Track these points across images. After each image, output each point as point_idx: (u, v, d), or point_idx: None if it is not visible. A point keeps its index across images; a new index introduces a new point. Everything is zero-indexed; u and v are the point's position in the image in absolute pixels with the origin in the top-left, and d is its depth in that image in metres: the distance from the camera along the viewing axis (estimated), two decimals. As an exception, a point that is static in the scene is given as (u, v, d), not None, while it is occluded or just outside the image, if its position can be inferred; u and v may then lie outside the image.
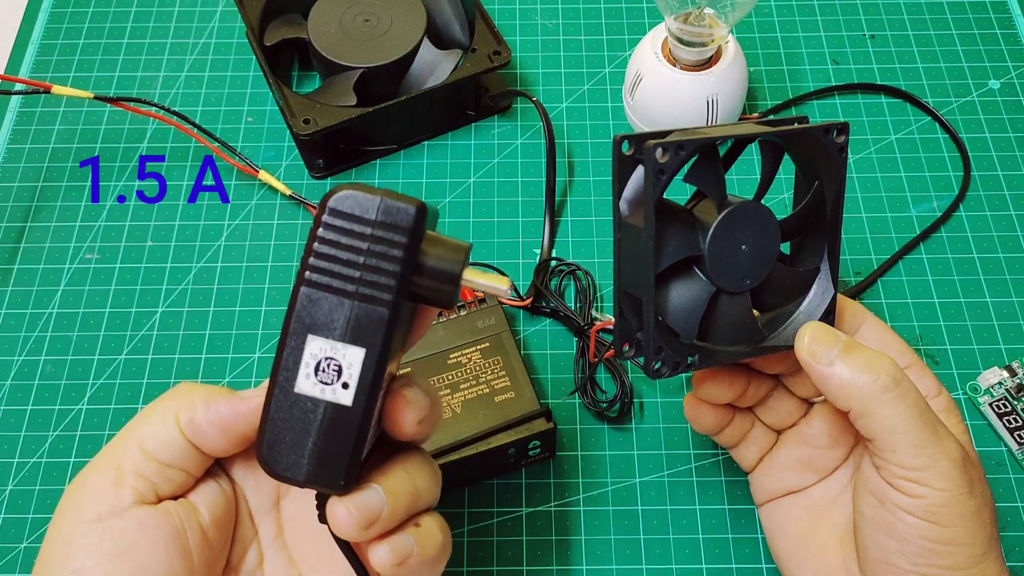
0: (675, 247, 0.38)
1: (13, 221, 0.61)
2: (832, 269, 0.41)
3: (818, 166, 0.40)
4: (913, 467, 0.36)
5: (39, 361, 0.56)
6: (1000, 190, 0.61)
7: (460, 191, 0.61)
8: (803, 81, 0.66)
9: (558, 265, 0.57)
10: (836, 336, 0.38)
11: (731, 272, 0.39)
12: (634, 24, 0.69)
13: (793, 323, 0.41)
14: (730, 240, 0.38)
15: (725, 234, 0.38)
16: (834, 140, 0.39)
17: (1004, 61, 0.67)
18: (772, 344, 0.40)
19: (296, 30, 0.64)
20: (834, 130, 0.39)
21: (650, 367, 0.38)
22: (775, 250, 0.39)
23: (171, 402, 0.36)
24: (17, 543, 0.50)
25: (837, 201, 0.40)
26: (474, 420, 0.49)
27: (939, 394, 0.41)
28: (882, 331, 0.42)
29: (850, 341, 0.38)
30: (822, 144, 0.39)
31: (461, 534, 0.50)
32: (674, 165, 0.36)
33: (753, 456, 0.44)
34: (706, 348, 0.39)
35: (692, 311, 0.39)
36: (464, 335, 0.52)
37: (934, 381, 0.41)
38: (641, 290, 0.37)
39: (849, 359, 0.37)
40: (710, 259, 0.38)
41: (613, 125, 0.64)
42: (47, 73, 0.67)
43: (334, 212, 0.31)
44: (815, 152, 0.40)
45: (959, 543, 0.36)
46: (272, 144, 0.64)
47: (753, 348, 0.40)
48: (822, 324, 0.39)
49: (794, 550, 0.42)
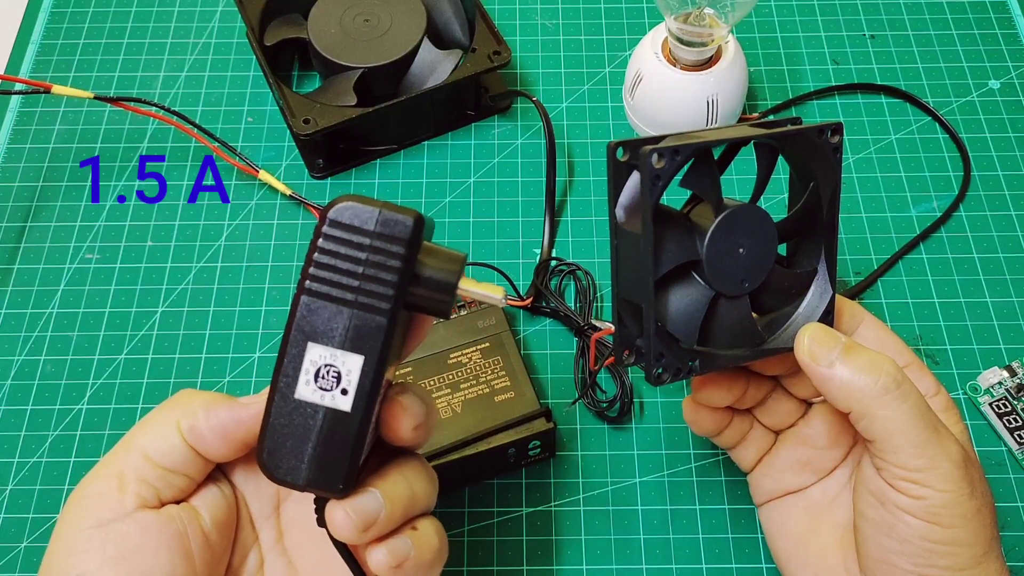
0: (673, 252, 0.38)
1: (13, 221, 0.61)
2: (830, 270, 0.40)
3: (813, 167, 0.40)
4: (914, 468, 0.36)
5: (39, 361, 0.56)
6: (1000, 190, 0.61)
7: (460, 191, 0.61)
8: (803, 81, 0.66)
9: (558, 265, 0.57)
10: (836, 337, 0.38)
11: (729, 276, 0.39)
12: (634, 24, 0.69)
13: (792, 325, 0.41)
14: (728, 244, 0.38)
15: (723, 238, 0.38)
16: (828, 140, 0.39)
17: (1004, 61, 0.67)
18: (772, 347, 0.40)
19: (296, 30, 0.64)
20: (828, 130, 0.39)
21: (651, 374, 0.38)
22: (773, 252, 0.39)
23: (171, 410, 0.36)
24: (17, 543, 0.50)
25: (833, 202, 0.40)
26: (474, 420, 0.49)
27: (937, 393, 0.40)
28: (880, 331, 0.42)
29: (850, 342, 0.38)
30: (816, 145, 0.39)
31: (461, 534, 0.50)
32: (670, 170, 0.36)
33: (752, 457, 0.44)
34: (707, 352, 0.39)
35: (692, 316, 0.39)
36: (464, 335, 0.52)
37: (932, 380, 0.41)
38: (641, 297, 0.37)
39: (849, 360, 0.37)
40: (708, 263, 0.38)
41: (613, 125, 0.64)
42: (47, 73, 0.67)
43: (334, 223, 0.32)
44: (810, 153, 0.40)
45: (960, 544, 0.36)
46: (272, 144, 0.64)
47: (753, 351, 0.40)
48: (821, 325, 0.39)
49: (794, 550, 0.43)
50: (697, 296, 0.39)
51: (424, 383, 0.50)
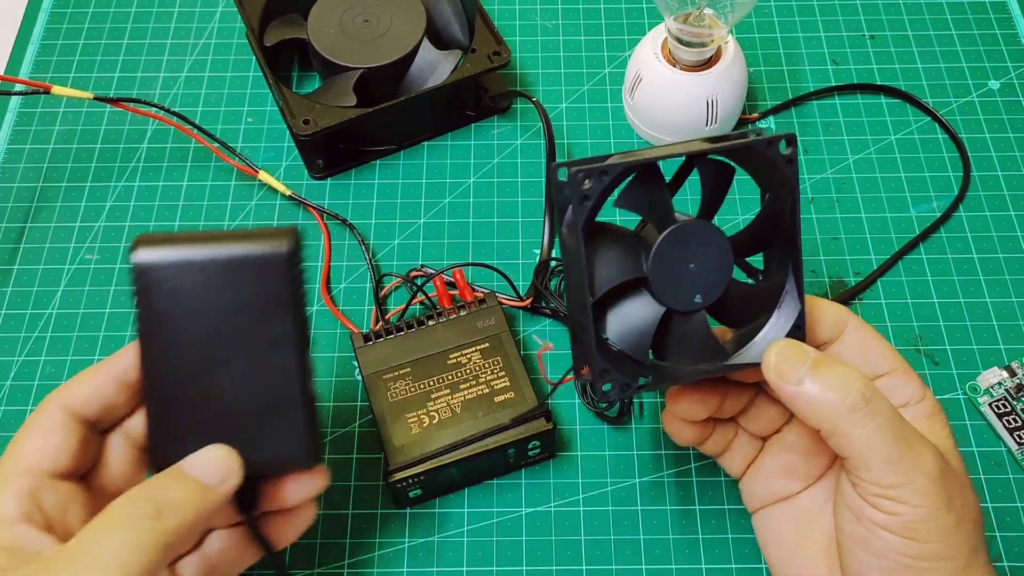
0: (616, 270, 0.38)
1: (13, 221, 0.61)
2: (798, 282, 0.40)
3: (771, 179, 0.40)
4: (888, 485, 0.35)
5: (39, 361, 0.56)
6: (1000, 190, 0.61)
7: (460, 191, 0.61)
8: (803, 81, 0.66)
9: (558, 265, 0.57)
10: (804, 353, 0.37)
11: (680, 291, 0.39)
12: (634, 24, 0.69)
13: (761, 339, 0.40)
14: (676, 260, 0.38)
15: (669, 254, 0.38)
16: (780, 152, 0.38)
17: (1004, 61, 0.67)
18: (739, 361, 0.40)
19: (296, 30, 0.64)
20: (779, 142, 0.38)
21: (597, 389, 0.38)
22: (729, 266, 0.39)
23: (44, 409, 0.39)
24: (17, 543, 0.50)
25: (793, 213, 0.39)
26: (474, 420, 0.49)
27: (922, 399, 0.39)
28: (866, 334, 0.40)
29: (819, 358, 0.37)
30: (768, 158, 0.38)
31: (461, 534, 0.50)
32: (598, 190, 0.36)
33: (739, 464, 0.44)
34: (663, 368, 0.39)
35: (643, 331, 0.39)
36: (464, 335, 0.52)
37: (918, 385, 0.40)
38: (582, 316, 0.38)
39: (818, 377, 0.36)
40: (654, 280, 0.38)
41: (613, 125, 0.64)
42: (47, 73, 0.67)
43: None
44: (764, 166, 0.39)
45: (939, 558, 0.35)
46: (272, 144, 0.64)
47: (716, 366, 0.39)
48: (790, 341, 0.38)
49: (787, 559, 0.42)
50: (647, 312, 0.39)
51: (424, 383, 0.50)
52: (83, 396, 0.39)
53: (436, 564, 0.49)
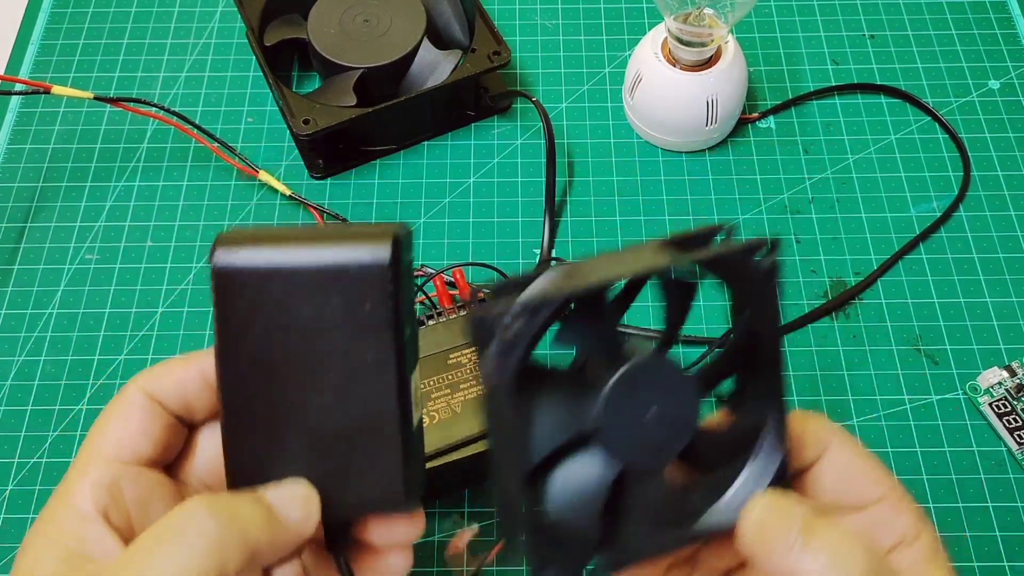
0: (557, 424, 0.30)
1: (13, 221, 0.61)
2: (779, 420, 0.32)
3: (747, 293, 0.32)
4: None
5: (39, 361, 0.56)
6: (1000, 190, 0.61)
7: (460, 191, 0.61)
8: (803, 81, 0.66)
9: (557, 265, 0.57)
10: (791, 514, 0.30)
11: (638, 444, 0.30)
12: (634, 24, 0.69)
13: (736, 492, 0.32)
14: (633, 404, 0.30)
15: (623, 399, 0.30)
16: (755, 266, 0.30)
17: (1004, 61, 0.67)
18: (707, 527, 0.32)
19: (296, 30, 0.64)
20: (760, 249, 0.30)
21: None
22: (695, 407, 0.31)
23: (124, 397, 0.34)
24: (17, 543, 0.50)
25: (772, 338, 0.32)
26: (474, 420, 0.49)
27: (918, 536, 0.32)
28: (852, 455, 0.33)
29: (808, 521, 0.30)
30: (746, 270, 0.31)
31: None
32: (529, 333, 0.28)
33: None
34: (616, 546, 0.31)
35: (592, 497, 0.30)
36: (464, 335, 0.52)
37: (914, 518, 0.32)
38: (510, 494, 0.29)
39: (810, 548, 0.29)
40: (607, 432, 0.30)
41: (613, 125, 0.64)
42: (47, 73, 0.67)
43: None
44: (739, 277, 0.31)
45: None
46: (272, 144, 0.64)
47: (680, 535, 0.32)
48: (774, 496, 0.31)
49: None
50: (596, 472, 0.30)
51: (424, 383, 0.50)
52: (168, 386, 0.34)
53: (436, 564, 0.49)
